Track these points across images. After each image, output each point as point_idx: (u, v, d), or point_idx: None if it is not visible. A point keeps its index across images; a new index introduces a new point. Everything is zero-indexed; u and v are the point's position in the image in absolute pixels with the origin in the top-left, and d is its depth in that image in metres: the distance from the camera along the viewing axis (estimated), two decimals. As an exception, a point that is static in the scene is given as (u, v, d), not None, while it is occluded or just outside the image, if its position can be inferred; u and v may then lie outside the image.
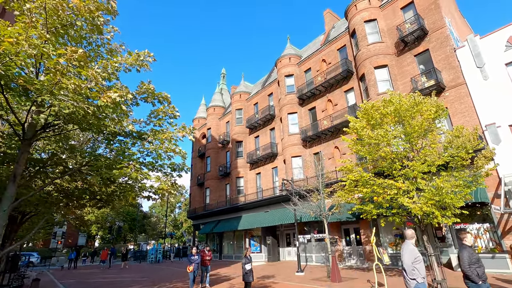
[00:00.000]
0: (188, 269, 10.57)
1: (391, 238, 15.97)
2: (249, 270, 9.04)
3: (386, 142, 9.51)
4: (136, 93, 5.79)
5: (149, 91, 5.76)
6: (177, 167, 6.52)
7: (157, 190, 5.45)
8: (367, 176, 9.91)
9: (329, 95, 20.90)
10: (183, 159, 6.48)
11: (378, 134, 9.38)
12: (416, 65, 16.26)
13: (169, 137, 5.74)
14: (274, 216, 21.23)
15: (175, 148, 5.94)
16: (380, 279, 11.10)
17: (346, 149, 18.53)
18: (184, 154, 6.28)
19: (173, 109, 6.01)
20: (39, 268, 27.06)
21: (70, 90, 4.11)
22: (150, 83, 5.82)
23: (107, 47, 5.98)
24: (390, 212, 10.67)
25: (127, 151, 5.72)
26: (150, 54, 5.69)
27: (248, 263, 9.10)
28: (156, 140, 5.73)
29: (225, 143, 31.00)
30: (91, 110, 4.24)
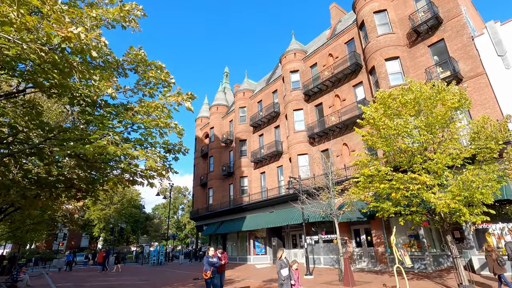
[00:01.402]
0: (204, 275, 8.19)
1: (405, 239, 15.06)
2: (286, 277, 6.65)
3: (407, 133, 8.66)
4: (123, 60, 4.78)
5: (139, 58, 4.68)
6: (172, 147, 5.37)
7: (145, 172, 4.66)
8: (385, 170, 9.06)
9: (336, 90, 20.07)
10: (179, 136, 5.28)
11: (398, 124, 8.54)
12: (430, 56, 15.40)
13: (161, 105, 4.59)
14: (280, 216, 20.38)
15: (169, 121, 4.83)
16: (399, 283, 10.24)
17: (355, 146, 17.72)
18: (180, 130, 5.13)
19: (167, 75, 4.86)
20: (38, 270, 26.40)
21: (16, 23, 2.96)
22: (141, 49, 4.73)
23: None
24: (409, 210, 9.81)
25: (106, 122, 4.52)
26: (139, 8, 4.57)
27: (285, 268, 6.76)
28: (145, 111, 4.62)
29: (228, 142, 30.25)
30: (48, 56, 3.37)
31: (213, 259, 8.41)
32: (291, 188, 15.25)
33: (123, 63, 4.75)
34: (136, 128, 4.89)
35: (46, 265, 29.87)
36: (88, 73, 3.98)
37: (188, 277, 16.26)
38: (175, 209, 65.43)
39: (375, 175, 9.53)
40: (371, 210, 11.47)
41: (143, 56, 4.77)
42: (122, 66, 4.69)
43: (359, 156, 10.01)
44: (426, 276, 12.12)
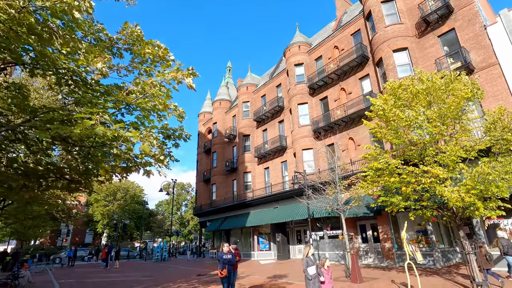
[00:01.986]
0: (220, 273, 7.55)
1: (413, 235, 14.73)
2: (314, 276, 6.08)
3: (419, 124, 8.28)
4: (117, 39, 4.32)
5: (134, 36, 4.24)
6: (172, 132, 4.83)
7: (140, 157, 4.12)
8: (396, 163, 8.70)
9: (342, 83, 19.63)
10: (180, 119, 4.76)
11: (410, 115, 8.15)
12: (440, 46, 14.91)
13: (158, 83, 4.05)
14: (284, 212, 20.11)
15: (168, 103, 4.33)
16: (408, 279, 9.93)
17: (362, 140, 17.33)
18: (181, 113, 4.64)
19: (165, 52, 4.32)
20: (42, 266, 26.44)
21: None
22: (137, 26, 4.31)
23: None
24: (419, 204, 9.45)
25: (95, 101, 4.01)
26: (133, -27, 4.14)
27: (312, 266, 6.17)
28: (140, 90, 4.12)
29: (231, 138, 29.95)
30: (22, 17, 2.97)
31: (228, 256, 7.73)
32: (296, 183, 14.94)
33: (117, 41, 4.30)
34: (131, 110, 4.46)
35: (49, 261, 29.94)
36: (72, 40, 3.54)
37: (191, 273, 16.09)
38: (178, 206, 65.52)
39: (384, 169, 9.17)
40: (380, 205, 11.13)
41: (139, 34, 4.32)
42: (116, 45, 4.28)
43: (368, 149, 9.64)
44: (435, 272, 11.80)
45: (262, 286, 10.78)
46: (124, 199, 52.02)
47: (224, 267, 7.52)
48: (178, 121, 4.47)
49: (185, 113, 4.73)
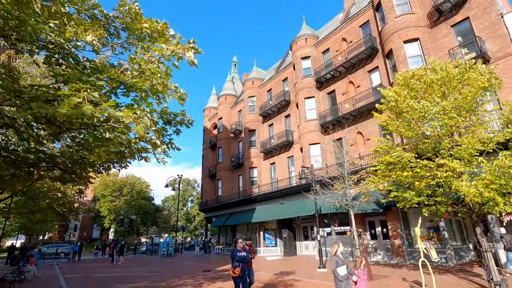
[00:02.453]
0: (232, 272, 6.73)
1: (424, 231, 14.30)
2: (344, 277, 5.37)
3: (434, 115, 7.86)
4: (113, 16, 4.01)
5: (132, 13, 3.83)
6: (173, 117, 4.44)
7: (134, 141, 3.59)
8: (409, 157, 8.30)
9: (350, 77, 19.13)
10: (181, 102, 4.22)
11: (425, 106, 7.74)
12: (453, 36, 14.32)
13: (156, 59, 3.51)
14: (291, 208, 19.83)
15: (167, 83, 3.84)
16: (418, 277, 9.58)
17: (371, 134, 16.89)
18: (182, 95, 4.14)
19: (165, 27, 3.81)
20: (50, 260, 26.73)
21: None
22: (135, 3, 3.91)
23: None
24: (433, 200, 9.05)
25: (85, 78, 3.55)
26: None
27: (342, 266, 5.46)
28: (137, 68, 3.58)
29: (237, 133, 29.68)
30: None
31: (242, 253, 6.84)
32: (303, 178, 14.61)
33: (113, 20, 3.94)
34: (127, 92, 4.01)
35: (57, 256, 30.29)
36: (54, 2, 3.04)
37: (197, 269, 15.97)
38: (184, 201, 65.81)
39: (396, 163, 8.78)
40: (391, 200, 10.74)
41: (137, 11, 3.88)
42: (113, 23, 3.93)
43: (380, 143, 9.25)
44: (448, 270, 11.41)
45: (269, 283, 10.55)
46: (131, 194, 52.37)
47: (238, 265, 6.69)
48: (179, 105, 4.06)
49: (186, 95, 4.26)
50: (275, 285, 9.98)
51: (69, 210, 9.48)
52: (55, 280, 13.38)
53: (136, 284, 11.35)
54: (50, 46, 3.53)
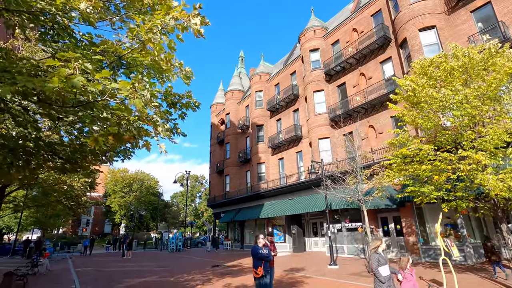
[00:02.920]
0: (254, 273, 5.88)
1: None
2: (387, 278, 4.57)
3: (456, 104, 7.34)
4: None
5: None
6: (177, 98, 3.97)
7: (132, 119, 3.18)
8: (428, 149, 7.82)
9: (361, 68, 18.51)
10: (186, 81, 3.76)
11: (446, 94, 7.22)
12: (473, 22, 13.57)
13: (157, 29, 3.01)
14: (300, 203, 19.47)
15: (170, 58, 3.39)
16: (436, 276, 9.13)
17: (383, 128, 16.32)
18: (187, 73, 3.73)
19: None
20: (63, 254, 27.18)
21: None
22: None
23: None
24: (453, 195, 8.55)
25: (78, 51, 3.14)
26: None
27: (384, 265, 4.66)
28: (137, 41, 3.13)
29: (244, 128, 29.37)
30: None
31: (264, 251, 5.98)
32: (313, 173, 14.20)
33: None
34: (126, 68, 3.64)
35: (70, 250, 30.82)
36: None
37: (206, 264, 15.83)
38: (192, 197, 66.19)
39: (414, 156, 8.30)
40: (407, 196, 10.24)
41: None
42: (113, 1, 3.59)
43: (396, 135, 8.77)
44: (467, 269, 10.90)
45: (279, 279, 10.26)
46: (140, 190, 52.95)
47: (260, 264, 5.81)
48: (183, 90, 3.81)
49: (192, 74, 3.84)
50: (285, 282, 9.68)
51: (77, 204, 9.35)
52: (67, 273, 13.45)
53: (146, 279, 11.26)
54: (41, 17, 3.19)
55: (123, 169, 55.73)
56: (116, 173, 54.35)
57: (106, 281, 11.09)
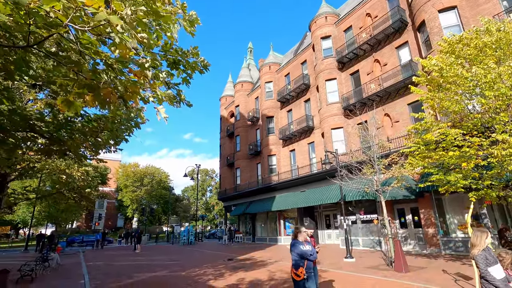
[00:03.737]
0: (294, 274, 4.69)
1: (461, 219, 13.10)
2: (502, 280, 3.28)
3: (488, 84, 6.69)
4: None
5: None
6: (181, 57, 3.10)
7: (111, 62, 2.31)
8: (455, 134, 7.21)
9: (376, 55, 17.70)
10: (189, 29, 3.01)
11: (477, 73, 6.58)
12: (497, 0, 12.63)
13: None
14: (312, 195, 19.01)
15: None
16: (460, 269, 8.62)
17: (399, 116, 15.62)
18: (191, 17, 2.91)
19: None
20: (76, 248, 27.60)
21: None
22: None
23: None
24: (482, 184, 7.94)
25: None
26: None
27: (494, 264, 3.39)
28: None
29: (254, 120, 28.91)
30: None
31: (306, 247, 4.79)
32: (327, 163, 13.68)
33: None
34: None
35: (83, 244, 31.31)
36: None
37: (218, 258, 15.64)
38: (203, 191, 66.52)
39: (440, 141, 7.71)
40: (428, 186, 9.66)
41: None
42: None
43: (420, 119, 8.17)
44: (494, 262, 10.27)
45: (294, 273, 9.89)
46: (151, 184, 53.43)
47: (302, 263, 4.65)
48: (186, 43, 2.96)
49: (198, 19, 2.98)
50: (301, 276, 9.29)
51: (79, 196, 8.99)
52: (78, 267, 13.45)
53: (156, 273, 11.09)
54: None
55: (134, 163, 56.32)
56: (127, 167, 54.98)
57: (116, 275, 10.97)
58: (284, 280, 8.86)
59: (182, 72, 3.34)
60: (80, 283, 9.64)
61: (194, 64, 3.32)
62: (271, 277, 9.35)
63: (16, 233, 48.12)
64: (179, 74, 3.33)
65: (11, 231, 40.65)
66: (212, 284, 8.70)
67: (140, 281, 9.70)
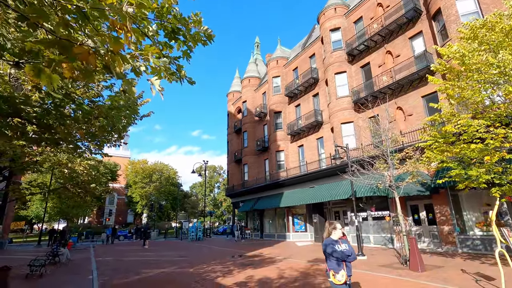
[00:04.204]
0: (334, 278, 3.95)
1: (479, 216, 12.54)
2: None
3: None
4: None
5: None
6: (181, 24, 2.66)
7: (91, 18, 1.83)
8: (480, 124, 6.74)
9: (388, 46, 17.07)
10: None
11: (505, 58, 6.09)
12: (521, -15, 11.89)
13: None
14: (322, 191, 18.62)
15: None
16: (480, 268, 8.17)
17: (413, 109, 15.06)
18: None
19: None
20: (87, 243, 27.94)
21: None
22: None
23: None
24: (506, 179, 7.44)
25: None
26: None
27: None
28: None
29: (262, 116, 28.55)
30: None
31: (342, 246, 4.04)
32: (338, 159, 13.27)
33: None
34: None
35: (94, 239, 31.74)
36: None
37: (226, 254, 15.47)
38: (211, 188, 66.72)
39: (461, 133, 7.24)
40: (446, 181, 9.18)
41: None
42: None
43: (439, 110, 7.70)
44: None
45: (305, 271, 9.61)
46: (160, 181, 53.84)
47: (340, 265, 3.95)
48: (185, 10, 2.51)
49: None
50: (312, 275, 9.01)
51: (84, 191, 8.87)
52: (87, 263, 13.48)
53: (164, 270, 10.96)
54: None
55: (143, 160, 56.83)
56: (136, 164, 55.53)
57: (124, 271, 10.89)
58: (294, 278, 8.58)
59: (182, 45, 2.87)
60: (88, 279, 9.58)
61: (196, 36, 2.87)
62: (281, 275, 9.09)
63: (31, 228, 49.26)
64: (179, 46, 2.86)
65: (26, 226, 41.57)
66: (220, 281, 8.49)
67: (148, 278, 9.57)
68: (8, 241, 24.75)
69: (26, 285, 8.89)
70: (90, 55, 1.66)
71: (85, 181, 9.24)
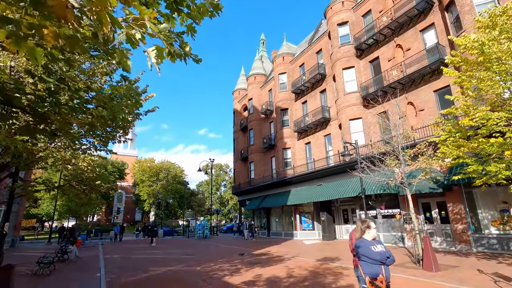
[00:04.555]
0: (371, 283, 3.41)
1: (495, 215, 12.10)
2: None
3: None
4: None
5: None
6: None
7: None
8: (501, 117, 6.39)
9: (398, 39, 16.61)
10: None
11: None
12: (540, -28, 11.35)
13: None
14: (329, 189, 18.32)
15: None
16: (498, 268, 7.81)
17: (424, 104, 14.64)
18: None
19: None
20: (96, 241, 28.19)
21: None
22: None
23: None
24: (526, 175, 7.07)
25: None
26: None
27: None
28: None
29: (268, 113, 28.28)
30: None
31: (377, 247, 3.55)
32: (347, 155, 12.96)
33: None
34: None
35: (103, 236, 32.03)
36: None
37: (233, 252, 15.32)
38: (217, 186, 66.81)
39: (479, 127, 6.89)
40: (462, 178, 8.81)
41: None
42: None
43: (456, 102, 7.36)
44: (535, 261, 9.35)
45: (314, 270, 9.38)
46: (166, 179, 54.16)
47: (379, 270, 3.45)
48: None
49: None
50: (322, 274, 8.77)
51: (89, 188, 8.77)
52: (95, 260, 13.49)
53: (172, 268, 10.87)
54: None
55: (150, 159, 57.24)
56: (143, 162, 55.98)
57: (132, 269, 10.83)
58: (303, 277, 8.37)
59: (186, 18, 2.53)
60: (96, 277, 9.53)
61: (201, 7, 2.52)
62: (290, 274, 8.88)
63: (42, 226, 50.08)
64: (182, 21, 2.52)
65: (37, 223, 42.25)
66: (228, 280, 8.33)
67: (155, 276, 9.48)
68: (19, 239, 25.16)
69: (35, 282, 8.88)
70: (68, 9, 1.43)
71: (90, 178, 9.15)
